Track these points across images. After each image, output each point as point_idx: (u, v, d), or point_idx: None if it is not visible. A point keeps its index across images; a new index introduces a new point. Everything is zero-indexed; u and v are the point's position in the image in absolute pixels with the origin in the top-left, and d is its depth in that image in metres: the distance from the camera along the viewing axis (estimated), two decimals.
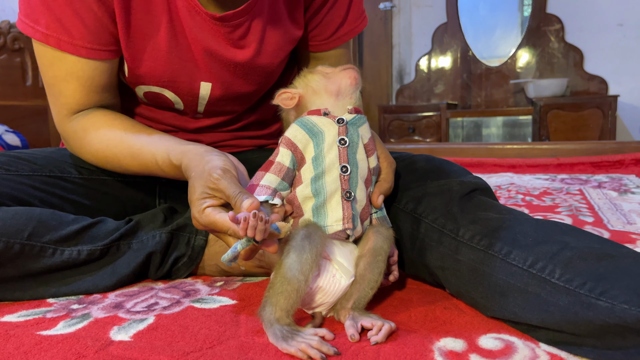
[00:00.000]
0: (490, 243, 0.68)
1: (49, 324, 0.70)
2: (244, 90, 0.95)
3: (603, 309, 0.54)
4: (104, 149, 0.86)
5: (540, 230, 0.67)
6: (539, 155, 2.54)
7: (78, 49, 0.82)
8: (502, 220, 0.71)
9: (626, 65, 3.69)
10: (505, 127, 4.20)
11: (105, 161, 0.88)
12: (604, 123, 3.46)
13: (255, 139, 1.09)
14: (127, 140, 0.85)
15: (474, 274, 0.68)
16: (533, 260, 0.63)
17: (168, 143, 0.81)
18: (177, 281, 0.89)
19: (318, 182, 0.66)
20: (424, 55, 4.41)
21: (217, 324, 0.68)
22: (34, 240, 0.78)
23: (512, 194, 1.77)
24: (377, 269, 0.67)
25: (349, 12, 0.96)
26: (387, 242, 0.68)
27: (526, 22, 4.06)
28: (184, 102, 0.94)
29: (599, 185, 1.87)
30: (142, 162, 0.83)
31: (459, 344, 0.61)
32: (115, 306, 0.77)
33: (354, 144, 0.68)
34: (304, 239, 0.61)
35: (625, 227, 1.21)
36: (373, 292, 0.67)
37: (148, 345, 0.62)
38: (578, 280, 0.58)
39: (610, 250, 0.60)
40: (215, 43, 0.87)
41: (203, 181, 0.67)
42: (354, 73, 0.72)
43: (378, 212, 0.73)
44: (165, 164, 0.80)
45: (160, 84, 0.90)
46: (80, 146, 0.89)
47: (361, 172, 0.68)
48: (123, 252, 0.86)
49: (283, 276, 0.60)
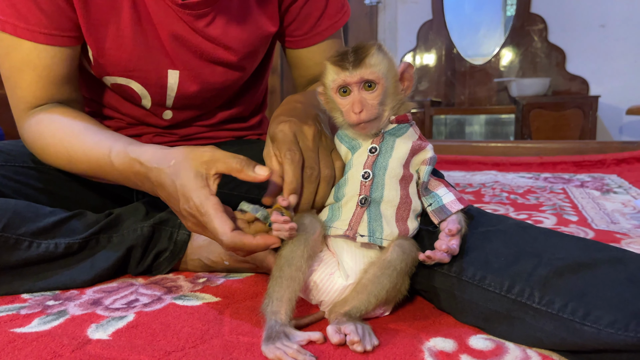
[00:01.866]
0: (462, 268, 0.65)
1: (23, 321, 0.67)
2: (214, 80, 0.91)
3: (589, 335, 0.53)
4: (56, 143, 0.81)
5: (510, 245, 0.64)
6: (523, 154, 2.56)
7: (35, 35, 0.78)
8: (469, 238, 0.67)
9: (607, 66, 3.74)
10: (488, 125, 4.23)
11: (55, 156, 0.83)
12: (584, 123, 3.50)
13: (234, 131, 1.07)
14: (82, 135, 0.80)
15: (453, 300, 0.66)
16: (509, 284, 0.60)
17: (127, 140, 0.77)
18: (159, 277, 0.86)
19: (340, 190, 0.67)
20: (408, 51, 4.41)
21: (200, 322, 0.66)
22: (8, 232, 0.75)
23: (497, 192, 1.77)
24: (384, 282, 0.61)
25: (327, 6, 0.93)
26: (404, 258, 0.62)
27: (509, 22, 4.09)
28: (151, 95, 0.91)
29: (581, 184, 1.88)
30: (93, 158, 0.78)
31: (449, 344, 0.60)
32: (93, 303, 0.74)
33: (386, 152, 0.66)
34: (301, 231, 0.62)
35: (610, 226, 1.22)
36: (374, 306, 0.62)
37: (127, 344, 0.60)
38: (559, 302, 0.56)
39: (584, 258, 0.59)
40: (181, 28, 0.83)
41: (192, 161, 0.64)
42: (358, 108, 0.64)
43: (433, 203, 0.67)
44: (119, 158, 0.74)
45: (126, 74, 0.87)
46: (32, 140, 0.84)
47: (391, 172, 0.65)
48: (102, 246, 0.84)
49: (277, 266, 0.61)
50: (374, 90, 0.64)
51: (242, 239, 0.62)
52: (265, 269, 0.84)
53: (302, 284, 0.61)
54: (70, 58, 0.83)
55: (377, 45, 0.65)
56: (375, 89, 0.64)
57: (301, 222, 0.63)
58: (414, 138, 0.68)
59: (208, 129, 1.03)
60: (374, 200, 0.64)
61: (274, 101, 3.34)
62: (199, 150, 0.66)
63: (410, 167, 0.67)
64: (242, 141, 1.08)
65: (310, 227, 0.63)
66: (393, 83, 0.66)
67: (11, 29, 0.78)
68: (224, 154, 0.65)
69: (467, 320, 0.65)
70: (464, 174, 2.24)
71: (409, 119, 0.69)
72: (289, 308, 0.60)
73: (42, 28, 0.78)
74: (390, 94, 0.66)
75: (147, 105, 0.93)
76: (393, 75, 0.66)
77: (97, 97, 0.96)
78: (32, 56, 0.80)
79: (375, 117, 0.65)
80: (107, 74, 0.87)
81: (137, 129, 1.00)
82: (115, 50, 0.83)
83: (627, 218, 1.31)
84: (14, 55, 0.80)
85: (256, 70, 1.02)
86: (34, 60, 0.80)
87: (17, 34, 0.78)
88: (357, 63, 0.64)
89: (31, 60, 0.80)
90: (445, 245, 0.63)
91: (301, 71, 1.01)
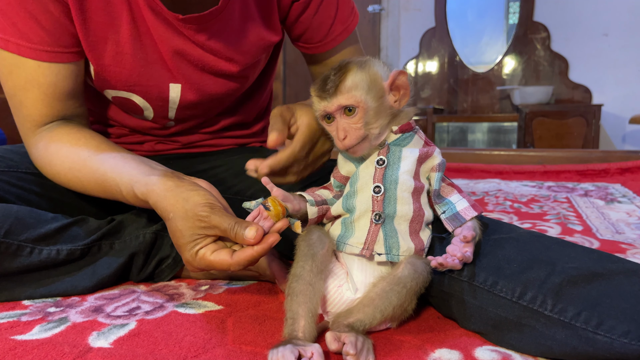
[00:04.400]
0: (473, 273, 0.64)
1: (24, 328, 0.67)
2: (215, 91, 0.91)
3: (602, 344, 0.52)
4: (67, 172, 0.81)
5: (523, 252, 0.64)
6: (526, 162, 2.55)
7: (38, 53, 0.77)
8: (482, 245, 0.67)
9: (610, 75, 3.74)
10: (491, 133, 4.23)
11: (69, 185, 0.82)
12: (587, 131, 3.50)
13: (237, 138, 1.07)
14: (90, 163, 0.79)
15: (462, 305, 0.65)
16: (521, 290, 0.60)
17: (132, 171, 0.74)
18: (161, 284, 0.85)
19: (349, 200, 0.66)
20: (411, 59, 4.42)
21: (202, 331, 0.65)
22: (10, 239, 0.75)
23: (500, 200, 1.76)
24: (392, 298, 0.60)
25: (338, 12, 0.94)
26: (415, 277, 0.61)
27: (512, 30, 4.10)
28: (153, 108, 0.90)
29: (585, 193, 1.87)
30: (106, 189, 0.78)
31: (454, 355, 0.59)
32: (94, 310, 0.73)
33: (394, 163, 0.65)
34: (309, 247, 0.61)
35: (615, 236, 1.21)
36: (378, 321, 0.61)
37: (129, 352, 0.59)
38: (572, 311, 0.55)
39: (598, 268, 0.58)
40: (182, 42, 0.83)
41: (190, 222, 0.64)
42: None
43: (446, 211, 0.67)
44: (130, 195, 0.74)
45: (128, 88, 0.86)
46: (42, 166, 0.84)
47: (402, 185, 0.64)
48: (104, 253, 0.83)
49: (288, 284, 0.61)
50: (354, 114, 0.64)
51: (245, 257, 0.62)
52: (268, 277, 0.83)
53: (316, 298, 0.60)
54: (75, 74, 0.83)
55: (358, 64, 0.64)
56: (355, 112, 0.63)
57: (309, 238, 0.63)
58: (420, 145, 0.67)
59: (211, 136, 1.03)
60: (388, 215, 0.64)
61: None
62: (196, 212, 0.64)
63: (421, 176, 0.66)
64: (245, 149, 1.07)
65: (318, 242, 0.62)
66: (377, 100, 0.64)
67: (14, 47, 0.77)
68: (218, 220, 0.63)
69: (474, 327, 0.65)
70: (467, 182, 2.23)
71: (413, 127, 0.68)
72: (305, 324, 0.58)
73: (44, 46, 0.78)
74: (377, 112, 0.64)
75: (150, 117, 0.92)
76: (377, 92, 0.64)
77: (98, 108, 0.96)
78: (36, 74, 0.79)
79: (361, 139, 0.64)
80: (109, 88, 0.86)
81: (140, 137, 0.99)
82: (115, 67, 0.83)
83: (632, 228, 1.30)
84: (17, 73, 0.79)
85: (259, 77, 1.02)
86: (38, 78, 0.79)
87: (20, 53, 0.77)
88: (334, 90, 0.63)
89: (35, 79, 0.79)
90: (460, 254, 0.62)
91: (320, 69, 1.01)
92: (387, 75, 0.66)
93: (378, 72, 0.65)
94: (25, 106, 0.81)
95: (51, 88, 0.80)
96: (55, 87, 0.81)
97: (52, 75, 0.80)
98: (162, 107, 0.90)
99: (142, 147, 1.00)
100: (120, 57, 0.82)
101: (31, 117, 0.82)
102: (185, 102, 0.90)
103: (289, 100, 3.54)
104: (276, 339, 0.62)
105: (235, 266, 0.63)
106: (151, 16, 0.80)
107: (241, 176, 0.98)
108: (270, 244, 0.62)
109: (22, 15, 0.75)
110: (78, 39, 0.80)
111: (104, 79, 0.84)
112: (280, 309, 0.73)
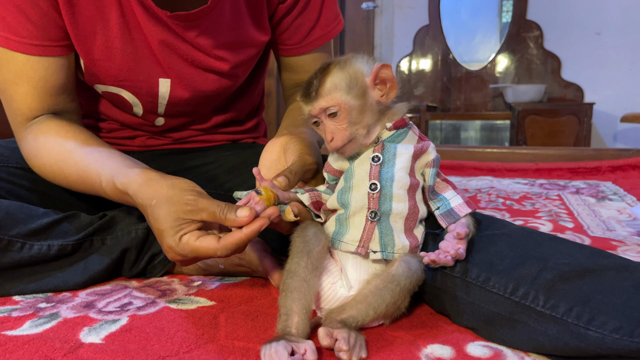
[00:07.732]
0: (466, 269, 0.64)
1: (15, 324, 0.66)
2: (206, 88, 0.90)
3: (593, 340, 0.53)
4: (52, 164, 0.80)
5: (516, 248, 0.64)
6: (518, 160, 2.56)
7: (27, 47, 0.77)
8: (474, 241, 0.67)
9: (602, 74, 3.75)
10: (484, 130, 4.24)
11: (52, 176, 0.82)
12: (579, 130, 3.51)
13: (229, 134, 1.06)
14: (75, 155, 0.78)
15: (454, 301, 0.65)
16: (514, 286, 0.60)
17: (115, 164, 0.74)
18: (153, 280, 0.85)
19: (344, 195, 0.65)
20: (405, 56, 4.42)
21: (194, 326, 0.65)
22: (1, 234, 0.74)
23: (493, 197, 1.77)
24: (385, 296, 0.60)
25: (321, 16, 0.93)
26: (409, 275, 0.61)
27: (505, 28, 4.10)
28: (142, 104, 0.90)
29: (576, 191, 1.89)
30: (87, 181, 0.77)
31: (446, 350, 0.59)
32: (85, 305, 0.73)
33: (389, 160, 0.65)
34: (304, 244, 0.61)
35: (605, 233, 1.21)
36: (371, 318, 0.61)
37: (121, 348, 0.59)
38: (564, 306, 0.56)
39: (590, 264, 0.59)
40: (171, 37, 0.82)
41: (175, 207, 0.63)
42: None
43: (441, 207, 0.67)
44: (109, 187, 0.73)
45: (117, 83, 0.85)
46: (29, 158, 0.83)
47: (398, 183, 0.64)
48: (96, 248, 0.83)
49: (282, 281, 0.61)
50: (337, 116, 0.63)
51: (232, 241, 0.61)
52: (260, 273, 0.83)
53: (310, 295, 0.60)
54: (65, 68, 0.82)
55: (339, 64, 0.63)
56: (337, 114, 0.63)
57: (305, 234, 0.62)
58: (414, 141, 0.67)
59: (202, 132, 1.02)
60: (384, 213, 0.63)
61: (270, 104, 3.33)
62: (182, 196, 0.64)
63: (416, 173, 0.66)
64: (237, 145, 1.07)
65: (314, 239, 0.62)
66: (360, 99, 0.63)
67: (3, 42, 0.76)
68: (207, 203, 0.62)
69: (467, 323, 0.65)
70: (459, 179, 2.23)
71: (406, 122, 0.68)
72: (299, 321, 0.58)
73: (33, 40, 0.77)
74: (361, 111, 0.63)
75: (139, 113, 0.92)
76: (358, 90, 0.63)
77: (89, 103, 0.95)
78: (26, 68, 0.78)
79: (349, 139, 0.64)
80: (98, 83, 0.86)
81: (131, 132, 0.99)
82: (105, 61, 0.82)
83: (623, 225, 1.30)
84: (7, 68, 0.79)
85: (251, 74, 1.02)
86: (28, 72, 0.79)
87: (9, 47, 0.77)
88: (315, 95, 0.63)
89: (25, 73, 0.79)
90: (453, 251, 0.62)
91: (290, 75, 1.01)
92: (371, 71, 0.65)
93: (360, 69, 0.64)
94: (15, 100, 0.81)
95: (41, 82, 0.80)
96: (46, 81, 0.80)
97: (42, 69, 0.79)
98: (151, 102, 0.90)
99: (134, 142, 1.00)
100: (110, 51, 0.81)
101: (21, 111, 0.82)
102: (175, 98, 0.89)
103: (282, 97, 3.53)
104: (269, 335, 0.62)
105: (222, 250, 0.61)
106: (141, 11, 0.79)
107: (233, 173, 0.98)
108: (259, 227, 0.61)
109: (11, 10, 0.75)
110: (67, 31, 0.79)
111: (94, 73, 0.84)
112: (272, 304, 0.73)
